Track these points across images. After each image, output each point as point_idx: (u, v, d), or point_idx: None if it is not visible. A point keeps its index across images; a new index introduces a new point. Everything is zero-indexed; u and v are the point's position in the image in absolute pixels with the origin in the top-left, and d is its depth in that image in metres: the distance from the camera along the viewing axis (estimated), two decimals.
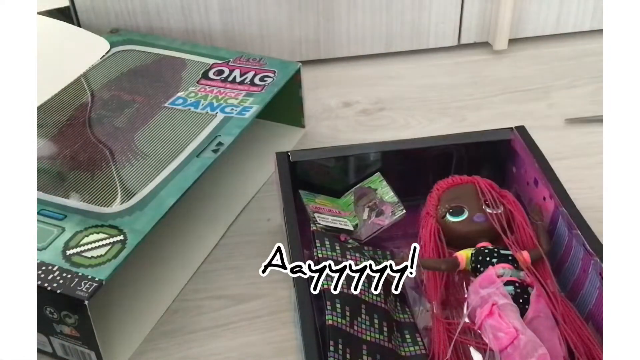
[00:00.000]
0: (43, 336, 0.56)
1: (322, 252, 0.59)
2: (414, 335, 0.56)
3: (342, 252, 0.60)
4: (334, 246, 0.60)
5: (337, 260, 0.58)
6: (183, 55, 0.81)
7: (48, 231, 0.58)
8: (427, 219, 0.62)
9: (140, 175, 0.64)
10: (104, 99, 0.74)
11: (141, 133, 0.69)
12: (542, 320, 0.52)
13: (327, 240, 0.60)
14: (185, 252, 0.67)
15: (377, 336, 0.54)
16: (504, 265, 0.56)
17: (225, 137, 0.68)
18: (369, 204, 0.66)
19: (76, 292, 0.52)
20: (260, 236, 0.69)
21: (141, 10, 0.89)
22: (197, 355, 0.58)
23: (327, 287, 0.55)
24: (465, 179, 0.64)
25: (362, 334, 0.53)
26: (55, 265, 0.55)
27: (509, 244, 0.57)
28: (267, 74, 0.77)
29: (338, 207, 0.66)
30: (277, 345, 0.59)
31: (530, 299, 0.53)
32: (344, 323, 0.53)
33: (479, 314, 0.52)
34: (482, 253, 0.57)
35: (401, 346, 0.55)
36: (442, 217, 0.62)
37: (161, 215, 0.59)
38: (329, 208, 0.65)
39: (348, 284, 0.56)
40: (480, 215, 0.60)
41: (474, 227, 0.60)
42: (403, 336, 0.56)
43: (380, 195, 0.66)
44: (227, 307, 0.62)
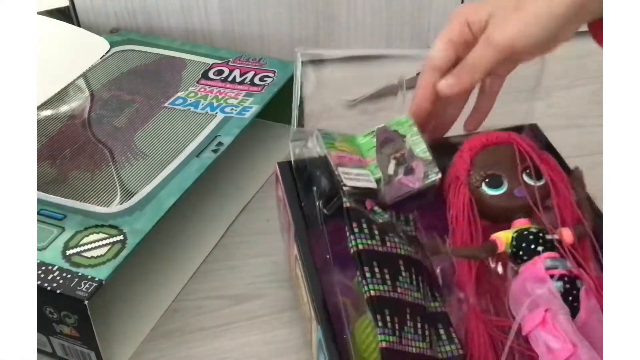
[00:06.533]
0: (43, 336, 0.56)
1: (361, 241, 0.50)
2: (449, 331, 0.51)
3: (381, 237, 0.51)
4: (372, 231, 0.51)
5: (378, 251, 0.50)
6: (183, 55, 0.81)
7: (48, 231, 0.58)
8: (457, 185, 0.54)
9: (140, 175, 0.64)
10: (103, 99, 0.74)
11: (141, 133, 0.69)
12: (596, 323, 0.47)
13: (365, 221, 0.51)
14: (185, 252, 0.67)
15: (421, 345, 0.49)
16: (551, 254, 0.49)
17: (225, 137, 0.68)
18: (396, 154, 0.56)
19: (76, 292, 0.52)
20: (260, 236, 0.69)
21: (141, 10, 0.89)
22: (197, 355, 0.58)
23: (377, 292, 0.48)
24: (502, 138, 0.55)
25: (408, 346, 0.48)
26: (55, 265, 0.55)
27: (550, 228, 0.50)
28: (267, 74, 0.77)
29: (357, 152, 0.58)
30: (277, 345, 0.59)
31: (580, 295, 0.47)
32: (394, 341, 0.47)
33: (528, 319, 0.47)
34: (525, 239, 0.50)
35: (438, 346, 0.50)
36: (475, 186, 0.54)
37: (161, 215, 0.59)
38: (349, 155, 0.57)
39: (393, 286, 0.49)
40: (521, 190, 0.53)
41: (514, 202, 0.53)
42: (438, 333, 0.51)
43: (409, 145, 0.57)
44: (227, 307, 0.62)
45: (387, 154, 0.57)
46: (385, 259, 0.50)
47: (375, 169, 0.56)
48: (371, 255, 0.50)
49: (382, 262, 0.50)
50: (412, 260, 0.52)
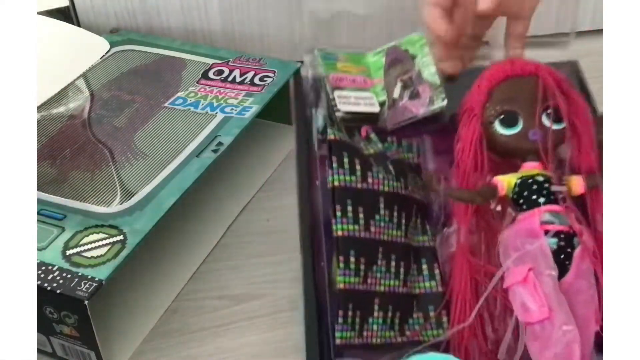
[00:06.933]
0: (43, 336, 0.56)
1: (338, 177, 0.49)
2: (432, 267, 0.50)
3: (363, 174, 0.50)
4: (353, 166, 0.50)
5: (355, 188, 0.49)
6: (183, 55, 0.81)
7: (48, 231, 0.58)
8: (470, 117, 0.51)
9: (140, 175, 0.64)
10: (103, 99, 0.74)
11: (141, 133, 0.69)
12: (582, 287, 0.45)
13: (347, 155, 0.50)
14: (185, 252, 0.67)
15: (392, 283, 0.49)
16: (552, 207, 0.47)
17: (225, 137, 0.68)
18: (403, 76, 0.54)
19: (76, 292, 0.52)
20: (260, 236, 0.69)
21: (141, 10, 0.89)
22: (197, 355, 0.58)
23: (346, 232, 0.48)
24: (528, 69, 0.51)
25: (376, 285, 0.48)
26: (55, 265, 0.55)
27: (559, 177, 0.48)
28: (267, 74, 0.77)
29: (364, 71, 0.56)
30: (277, 345, 0.59)
31: (574, 255, 0.45)
32: (357, 281, 0.48)
33: (510, 274, 0.45)
34: (528, 187, 0.48)
35: (416, 281, 0.50)
36: (489, 121, 0.50)
37: (161, 215, 0.59)
38: (352, 76, 0.55)
39: (366, 225, 0.48)
40: (536, 132, 0.49)
41: (526, 145, 0.49)
42: (420, 267, 0.50)
43: (419, 67, 0.54)
44: (227, 307, 0.62)
45: (394, 76, 0.54)
46: (362, 196, 0.49)
47: (382, 92, 0.54)
48: (346, 192, 0.49)
49: (358, 199, 0.49)
50: (396, 196, 0.50)
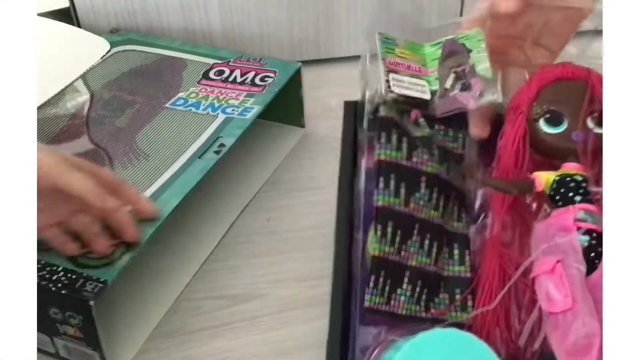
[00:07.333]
0: (46, 337, 0.56)
1: (384, 151, 0.51)
2: (463, 252, 0.52)
3: (409, 152, 0.52)
4: (400, 144, 0.52)
5: (399, 164, 0.51)
6: (183, 55, 0.81)
7: None
8: (516, 114, 0.52)
9: (143, 176, 0.64)
10: (104, 99, 0.74)
11: (142, 134, 0.69)
12: None
13: (395, 132, 0.52)
14: (185, 252, 0.67)
15: (423, 260, 0.50)
16: (587, 206, 0.48)
17: (227, 138, 0.68)
18: (457, 68, 0.55)
19: (82, 292, 0.52)
20: (260, 236, 0.69)
21: (141, 10, 0.89)
22: (197, 355, 0.58)
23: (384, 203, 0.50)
24: (579, 73, 0.52)
25: (408, 259, 0.50)
26: (60, 266, 0.55)
27: (597, 180, 0.48)
28: (268, 74, 0.77)
29: (420, 61, 0.56)
30: (277, 345, 0.59)
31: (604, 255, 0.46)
32: (391, 251, 0.49)
33: (539, 263, 0.46)
34: (566, 185, 0.49)
35: (447, 264, 0.51)
36: (534, 119, 0.52)
37: (164, 217, 0.59)
38: (408, 63, 0.56)
39: (406, 200, 0.50)
40: (579, 134, 0.50)
41: (567, 144, 0.51)
42: (451, 251, 0.52)
43: (473, 61, 0.54)
44: (227, 307, 0.62)
45: (448, 67, 0.55)
46: (406, 172, 0.51)
47: (434, 81, 0.55)
48: (391, 167, 0.51)
49: (401, 175, 0.51)
50: (437, 179, 0.52)
